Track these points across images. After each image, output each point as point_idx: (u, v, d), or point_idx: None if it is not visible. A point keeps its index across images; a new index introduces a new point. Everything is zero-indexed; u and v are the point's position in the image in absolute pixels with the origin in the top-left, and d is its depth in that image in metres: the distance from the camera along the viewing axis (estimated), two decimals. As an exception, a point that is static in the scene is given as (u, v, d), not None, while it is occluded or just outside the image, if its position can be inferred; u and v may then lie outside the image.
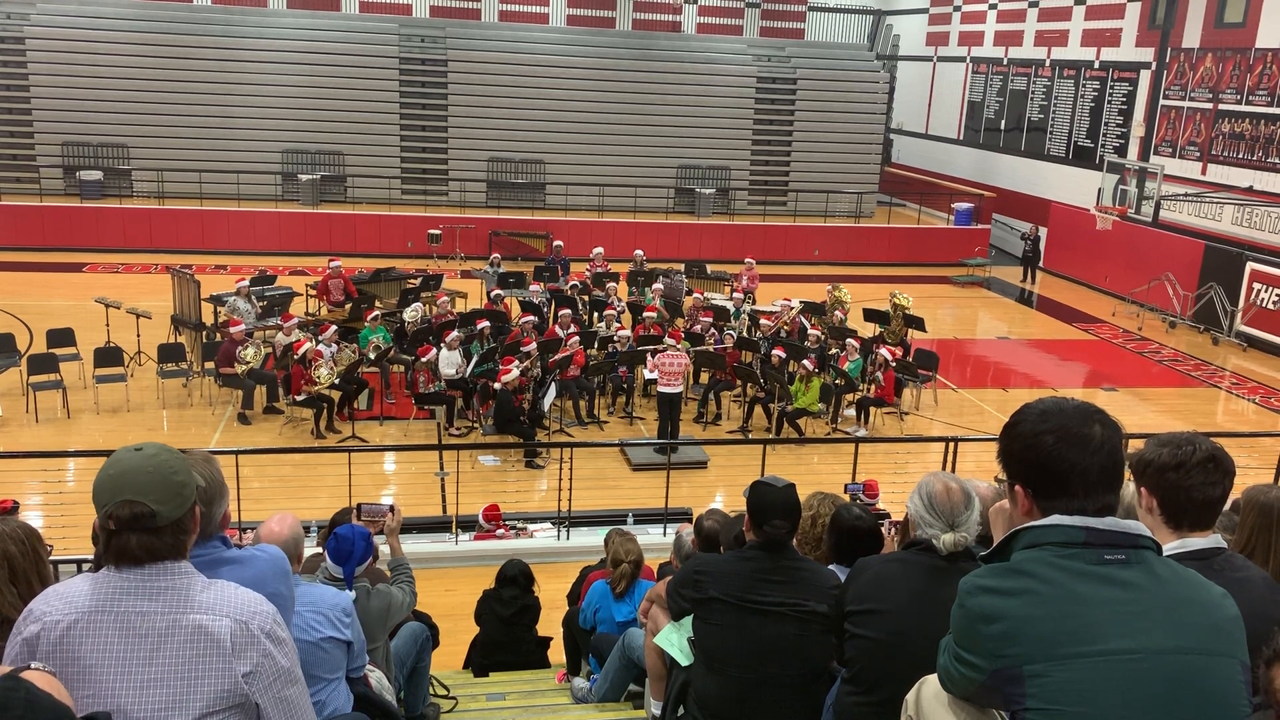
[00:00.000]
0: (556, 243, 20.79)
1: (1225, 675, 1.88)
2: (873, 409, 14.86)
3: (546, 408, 13.52)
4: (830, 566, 4.07)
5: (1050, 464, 1.97)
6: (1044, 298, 24.45)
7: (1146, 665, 1.84)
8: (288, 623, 2.87)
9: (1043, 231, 26.38)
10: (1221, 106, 21.93)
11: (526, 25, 28.67)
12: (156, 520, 2.15)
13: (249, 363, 13.97)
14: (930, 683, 2.21)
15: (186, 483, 2.23)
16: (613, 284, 17.80)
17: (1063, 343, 20.66)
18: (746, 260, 19.81)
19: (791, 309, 17.03)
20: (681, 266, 20.49)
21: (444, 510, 11.17)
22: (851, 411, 14.97)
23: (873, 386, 14.79)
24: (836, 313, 17.35)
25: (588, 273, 19.09)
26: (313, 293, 17.67)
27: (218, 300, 16.44)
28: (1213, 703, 1.86)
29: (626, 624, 5.92)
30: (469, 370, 14.22)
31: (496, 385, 13.27)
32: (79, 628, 2.15)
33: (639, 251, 20.11)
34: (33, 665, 2.05)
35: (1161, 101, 23.56)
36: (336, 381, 13.71)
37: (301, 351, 13.47)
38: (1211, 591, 1.96)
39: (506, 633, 6.96)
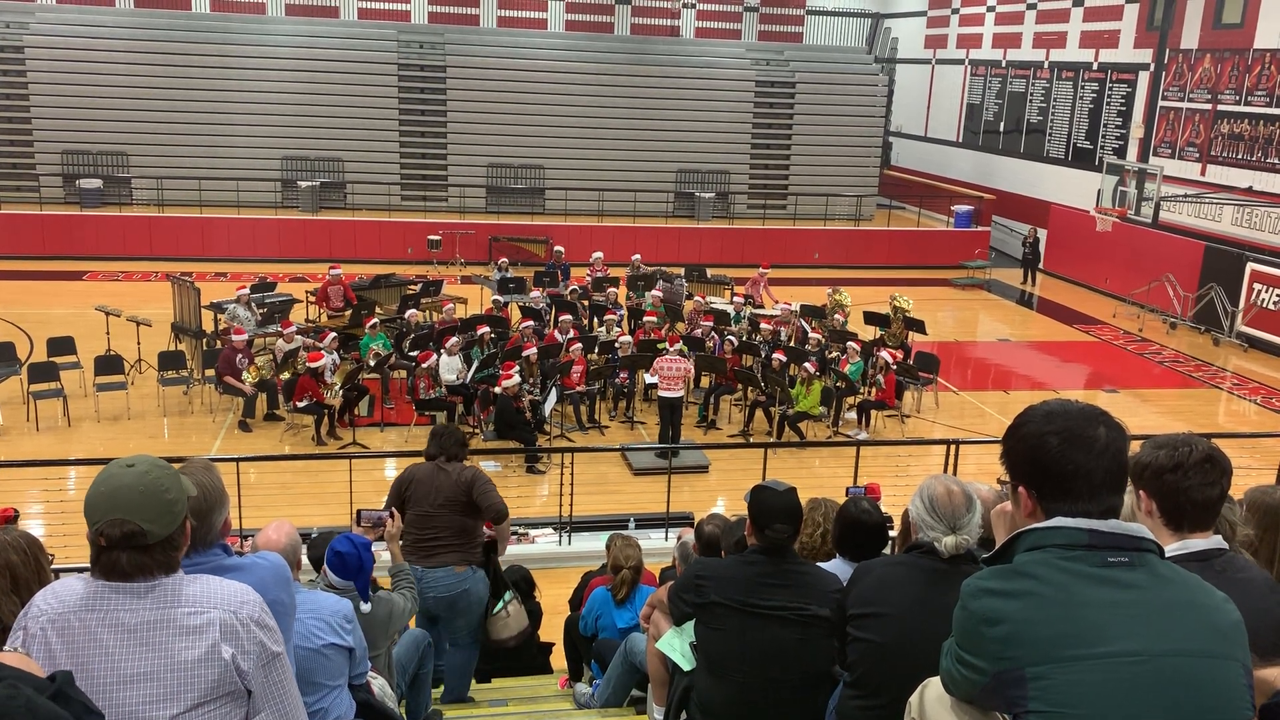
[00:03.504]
0: (557, 248, 20.80)
1: (1227, 678, 1.88)
2: (874, 412, 14.85)
3: (547, 413, 13.53)
4: (834, 560, 4.07)
5: (1054, 466, 1.96)
6: (1044, 299, 24.45)
7: (1149, 668, 1.83)
8: (289, 630, 2.87)
9: (1042, 233, 26.39)
10: (1220, 107, 21.94)
11: (525, 31, 28.71)
12: (147, 539, 2.18)
13: (264, 372, 14.02)
14: (933, 685, 2.21)
15: (177, 500, 2.25)
16: (613, 288, 17.82)
17: (1063, 344, 20.66)
18: (761, 270, 19.80)
19: (792, 312, 17.03)
20: (681, 270, 20.50)
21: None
22: (852, 414, 14.95)
23: (874, 389, 14.79)
24: (836, 316, 17.36)
25: (588, 277, 19.10)
26: (313, 299, 17.68)
27: (218, 307, 16.43)
28: (1215, 705, 1.85)
29: (628, 630, 5.91)
30: (469, 376, 14.23)
31: (497, 390, 13.28)
32: (70, 622, 2.18)
33: (636, 256, 20.13)
34: (4, 648, 2.09)
35: (1160, 103, 23.58)
36: (338, 388, 13.72)
37: (320, 363, 13.45)
38: (1214, 595, 1.96)
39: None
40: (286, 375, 13.97)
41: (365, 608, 4.51)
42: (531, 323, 15.42)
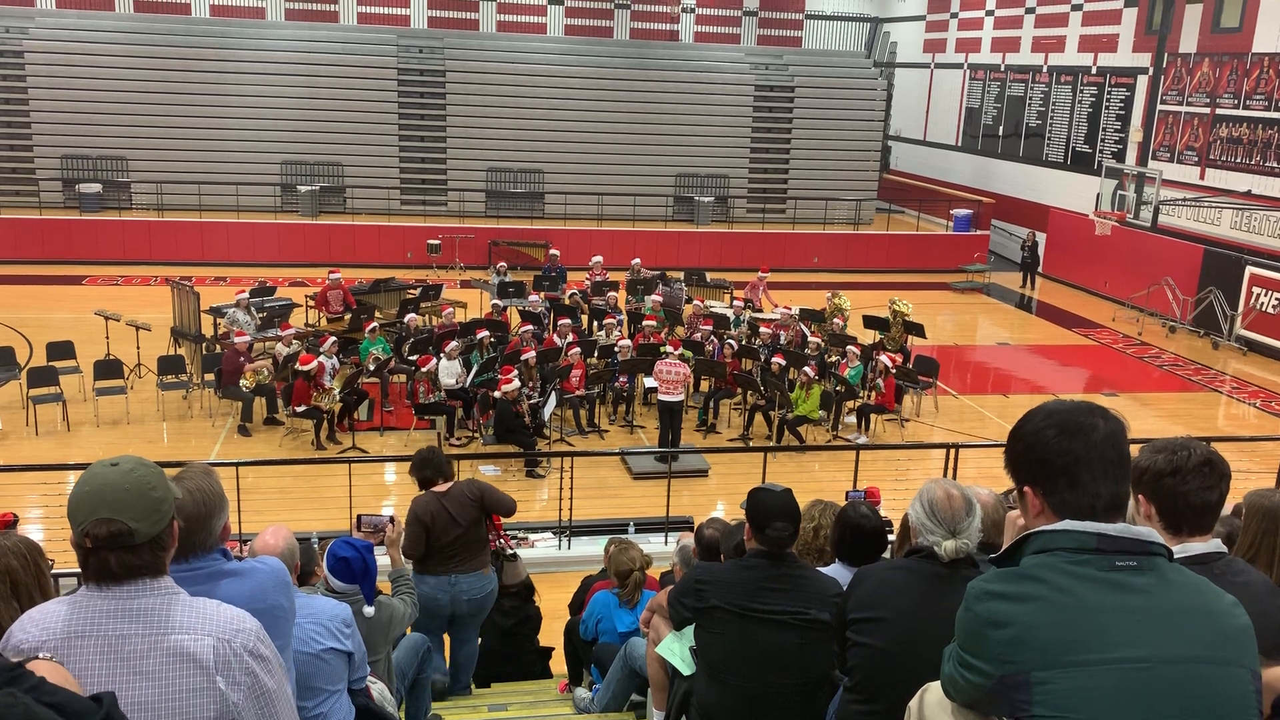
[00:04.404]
0: (553, 251, 20.80)
1: (1236, 684, 1.87)
2: (873, 416, 14.84)
3: (547, 417, 13.52)
4: (833, 565, 4.07)
5: (1054, 457, 1.97)
6: (1043, 303, 24.45)
7: (1156, 674, 1.83)
8: (288, 635, 2.86)
9: (1041, 237, 26.40)
10: (1219, 111, 21.96)
11: (525, 35, 28.76)
12: (134, 538, 2.11)
13: (261, 376, 14.01)
14: (933, 690, 2.20)
15: (164, 498, 2.18)
16: (613, 292, 17.82)
17: (1063, 348, 20.66)
18: (760, 274, 19.82)
19: (791, 316, 17.02)
20: (681, 274, 20.50)
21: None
22: (852, 419, 14.95)
23: (873, 393, 14.79)
24: (836, 320, 17.36)
25: (587, 281, 19.10)
26: (312, 304, 17.68)
27: (217, 312, 16.44)
28: (1221, 712, 1.84)
29: (629, 634, 5.90)
30: (469, 380, 14.22)
31: (496, 394, 13.27)
32: (59, 653, 2.10)
33: (635, 260, 20.13)
34: (41, 655, 2.02)
35: (1159, 106, 23.60)
36: (336, 393, 13.72)
37: (310, 366, 13.45)
38: (1223, 600, 1.94)
39: (507, 643, 6.94)
40: (289, 376, 13.95)
41: (369, 611, 4.51)
42: (531, 327, 15.42)
